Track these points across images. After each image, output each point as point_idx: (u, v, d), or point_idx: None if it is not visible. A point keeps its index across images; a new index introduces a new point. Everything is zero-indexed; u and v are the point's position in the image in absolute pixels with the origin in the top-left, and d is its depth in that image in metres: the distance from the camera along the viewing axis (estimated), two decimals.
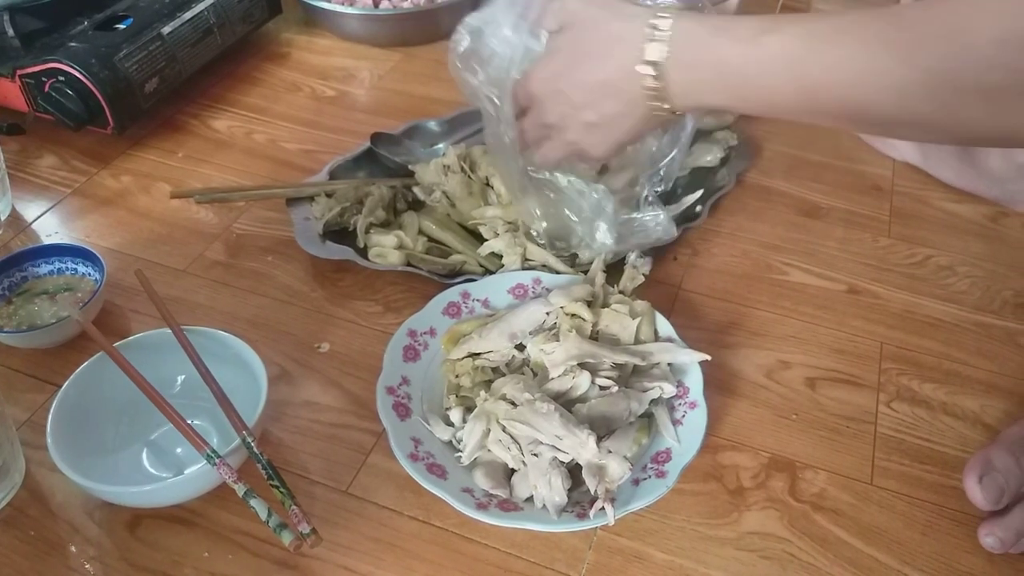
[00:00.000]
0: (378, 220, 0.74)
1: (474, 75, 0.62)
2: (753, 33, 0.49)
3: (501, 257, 0.70)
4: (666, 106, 0.54)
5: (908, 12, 0.44)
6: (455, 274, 0.70)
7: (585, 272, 0.68)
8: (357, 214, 0.74)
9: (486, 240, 0.71)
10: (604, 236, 0.68)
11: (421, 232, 0.74)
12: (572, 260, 0.71)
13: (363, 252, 0.72)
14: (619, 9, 0.55)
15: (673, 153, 0.70)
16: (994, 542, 0.53)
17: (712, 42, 0.51)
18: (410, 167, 0.79)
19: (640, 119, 0.56)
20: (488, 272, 0.70)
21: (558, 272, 0.68)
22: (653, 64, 0.52)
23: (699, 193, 0.77)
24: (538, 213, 0.69)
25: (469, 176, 0.76)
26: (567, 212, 0.68)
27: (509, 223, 0.72)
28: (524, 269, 0.69)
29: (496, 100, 0.62)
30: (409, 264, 0.70)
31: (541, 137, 0.63)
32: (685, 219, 0.75)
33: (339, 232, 0.75)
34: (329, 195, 0.76)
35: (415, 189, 0.77)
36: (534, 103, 0.60)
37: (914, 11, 0.44)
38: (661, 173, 0.71)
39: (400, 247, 0.71)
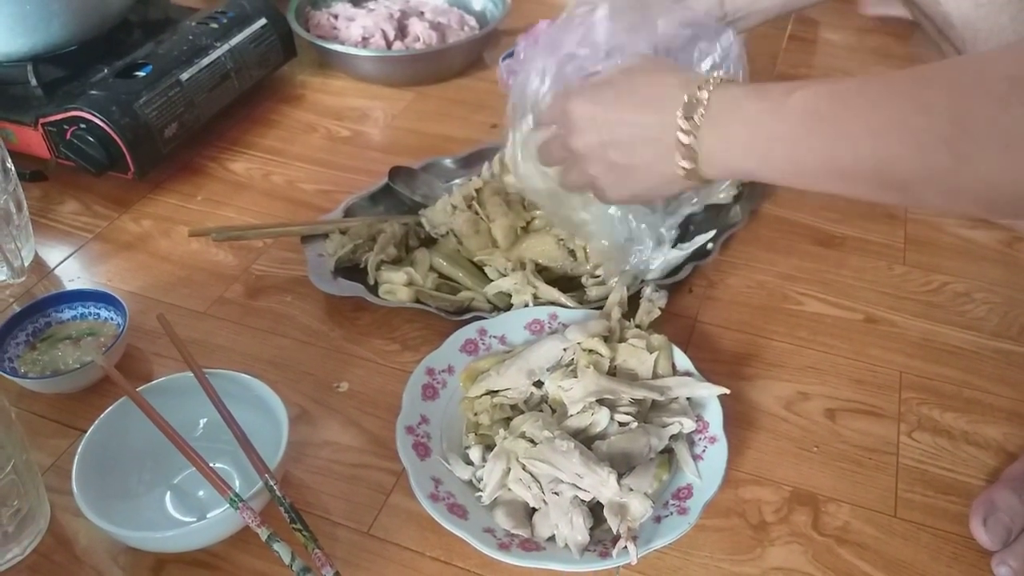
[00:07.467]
0: (389, 257, 0.75)
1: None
2: (784, 91, 0.49)
3: (511, 296, 0.70)
4: (692, 166, 0.53)
5: (926, 66, 0.45)
6: (463, 311, 0.70)
7: (600, 307, 0.68)
8: (369, 251, 0.75)
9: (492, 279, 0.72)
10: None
11: (432, 268, 0.74)
12: (580, 297, 0.71)
13: (374, 289, 0.73)
14: (679, 68, 0.57)
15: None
16: (1007, 572, 0.53)
17: (745, 102, 0.51)
18: (420, 212, 0.79)
19: (663, 177, 0.56)
20: (497, 309, 0.70)
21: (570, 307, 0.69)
22: (689, 120, 0.52)
23: (711, 234, 0.75)
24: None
25: (477, 213, 0.76)
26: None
27: (515, 262, 0.73)
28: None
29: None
30: (418, 301, 0.71)
31: (565, 158, 0.62)
32: (696, 256, 0.75)
33: (351, 269, 0.75)
34: (343, 232, 0.77)
35: (425, 224, 0.78)
36: (567, 123, 0.59)
37: (932, 65, 0.44)
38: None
39: (410, 284, 0.71)
